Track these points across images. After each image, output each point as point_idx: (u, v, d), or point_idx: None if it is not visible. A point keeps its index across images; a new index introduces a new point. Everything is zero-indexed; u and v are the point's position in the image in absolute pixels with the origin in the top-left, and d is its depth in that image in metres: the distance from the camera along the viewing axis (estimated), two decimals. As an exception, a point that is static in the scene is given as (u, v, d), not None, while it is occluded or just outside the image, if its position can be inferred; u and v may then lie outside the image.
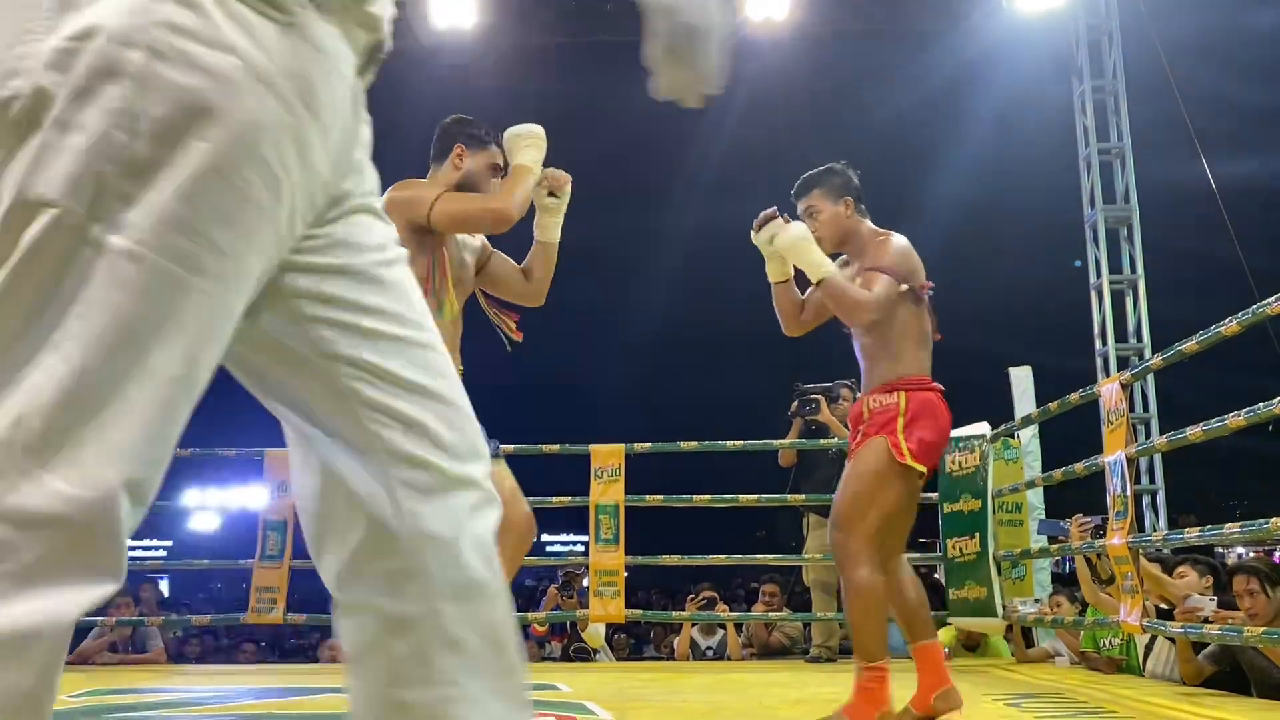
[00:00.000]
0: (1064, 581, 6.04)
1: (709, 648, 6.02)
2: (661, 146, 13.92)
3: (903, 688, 2.79)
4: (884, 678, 2.69)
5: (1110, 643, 4.46)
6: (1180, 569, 4.14)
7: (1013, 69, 9.02)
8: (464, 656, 0.95)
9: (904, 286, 2.83)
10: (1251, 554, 14.64)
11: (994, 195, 13.06)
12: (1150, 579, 3.88)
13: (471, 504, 0.98)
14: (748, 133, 12.51)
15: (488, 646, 0.96)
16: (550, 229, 2.90)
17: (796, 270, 2.96)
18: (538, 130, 2.78)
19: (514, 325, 2.95)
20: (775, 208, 2.96)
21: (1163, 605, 4.01)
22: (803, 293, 3.04)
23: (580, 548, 27.51)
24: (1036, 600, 5.26)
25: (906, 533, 2.98)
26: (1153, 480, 7.51)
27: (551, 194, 2.87)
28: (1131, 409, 5.29)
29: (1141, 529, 5.98)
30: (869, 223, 2.99)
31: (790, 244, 2.86)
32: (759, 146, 13.34)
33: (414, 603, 0.94)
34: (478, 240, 2.94)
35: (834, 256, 2.94)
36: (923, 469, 2.76)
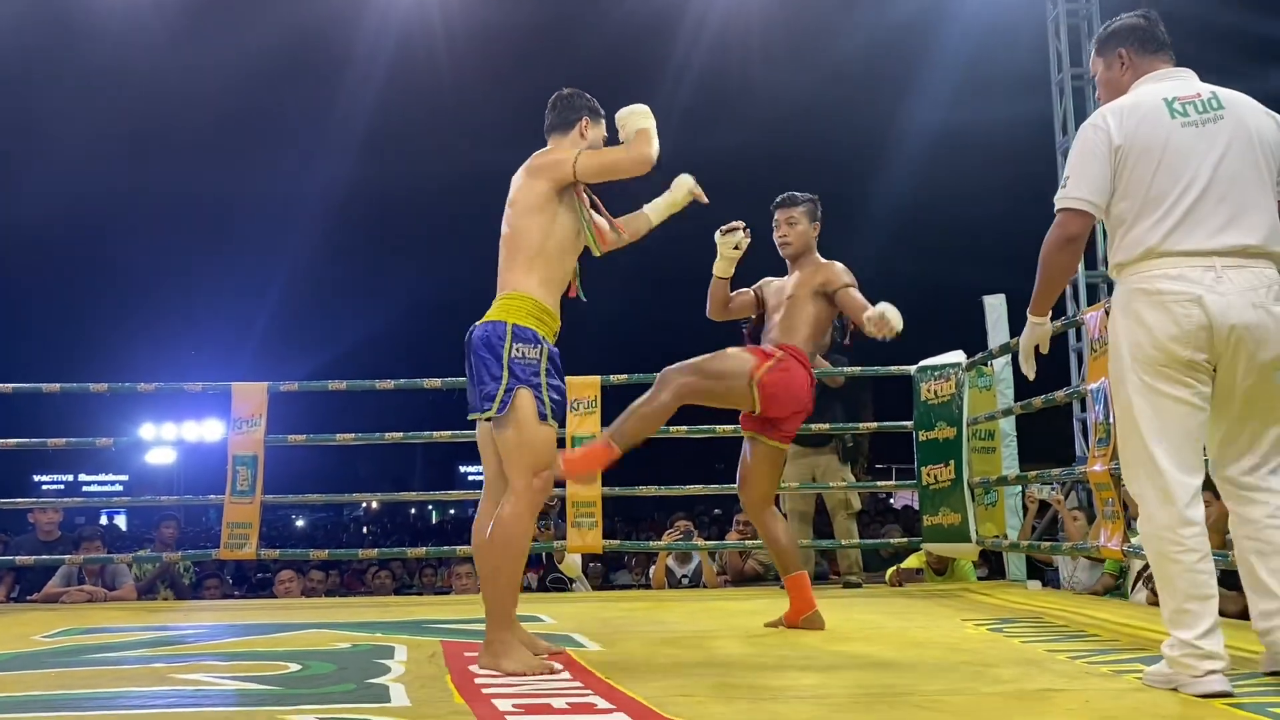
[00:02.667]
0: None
1: (684, 576, 6.07)
2: (631, 76, 13.67)
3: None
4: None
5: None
6: None
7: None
8: None
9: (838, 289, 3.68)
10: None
11: (964, 122, 12.97)
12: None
13: None
14: (719, 62, 12.31)
15: None
16: (662, 214, 3.19)
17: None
18: (642, 107, 3.02)
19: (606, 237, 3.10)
20: (740, 221, 3.68)
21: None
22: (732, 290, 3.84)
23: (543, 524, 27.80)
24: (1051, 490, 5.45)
25: (773, 488, 3.88)
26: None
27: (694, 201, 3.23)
28: (1106, 336, 5.30)
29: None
30: (816, 251, 3.84)
31: (896, 316, 3.53)
32: (730, 76, 13.15)
33: None
34: None
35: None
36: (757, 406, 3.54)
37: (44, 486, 26.79)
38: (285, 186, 17.37)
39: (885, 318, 3.43)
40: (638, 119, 3.01)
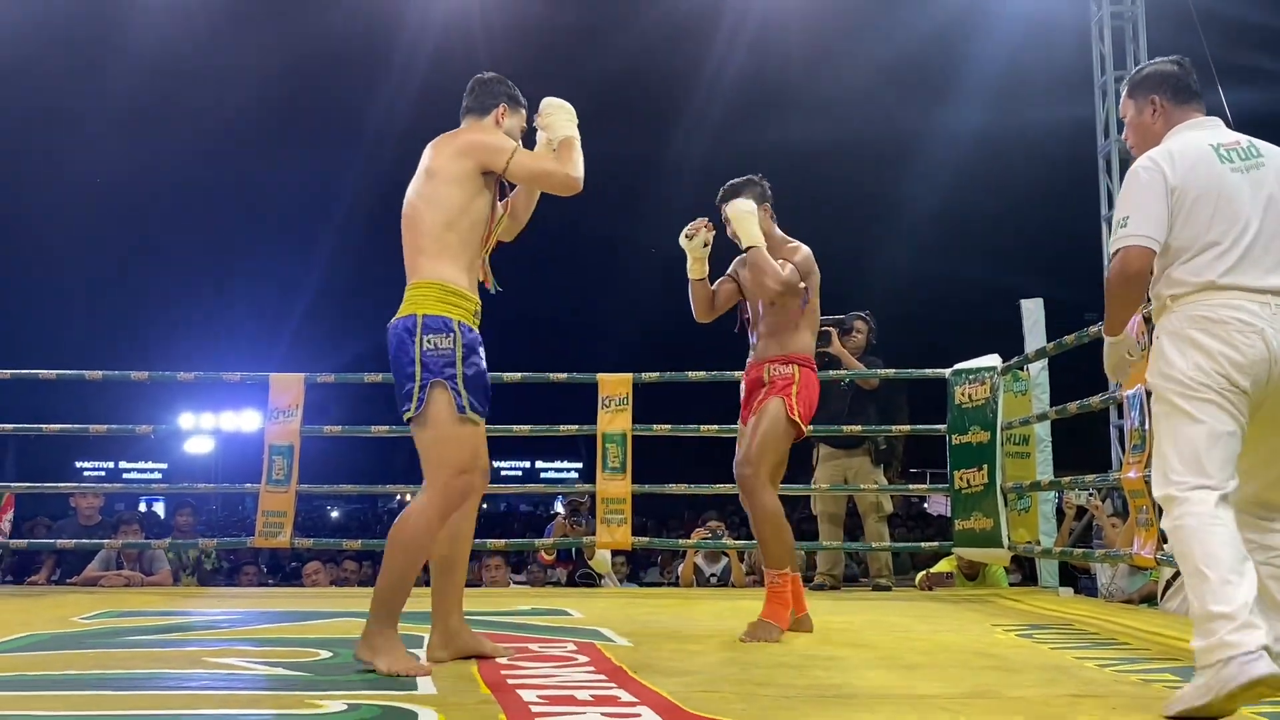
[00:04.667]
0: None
1: (713, 574, 6.07)
2: (671, 75, 13.68)
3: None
4: (791, 582, 3.47)
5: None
6: None
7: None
8: None
9: (802, 284, 3.54)
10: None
11: (1005, 124, 12.86)
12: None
13: None
14: (759, 62, 12.28)
15: None
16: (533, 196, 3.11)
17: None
18: (571, 106, 2.96)
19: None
20: (705, 218, 3.62)
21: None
22: (712, 283, 3.76)
23: (573, 474, 27.76)
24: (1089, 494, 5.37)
25: (780, 477, 3.69)
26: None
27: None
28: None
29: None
30: (778, 230, 3.68)
31: (741, 212, 3.54)
32: (770, 76, 13.10)
33: None
34: None
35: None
36: (803, 426, 3.54)
37: (85, 473, 27.20)
38: (324, 179, 17.53)
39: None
40: (563, 121, 2.92)
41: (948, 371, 5.52)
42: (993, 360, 5.32)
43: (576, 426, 5.66)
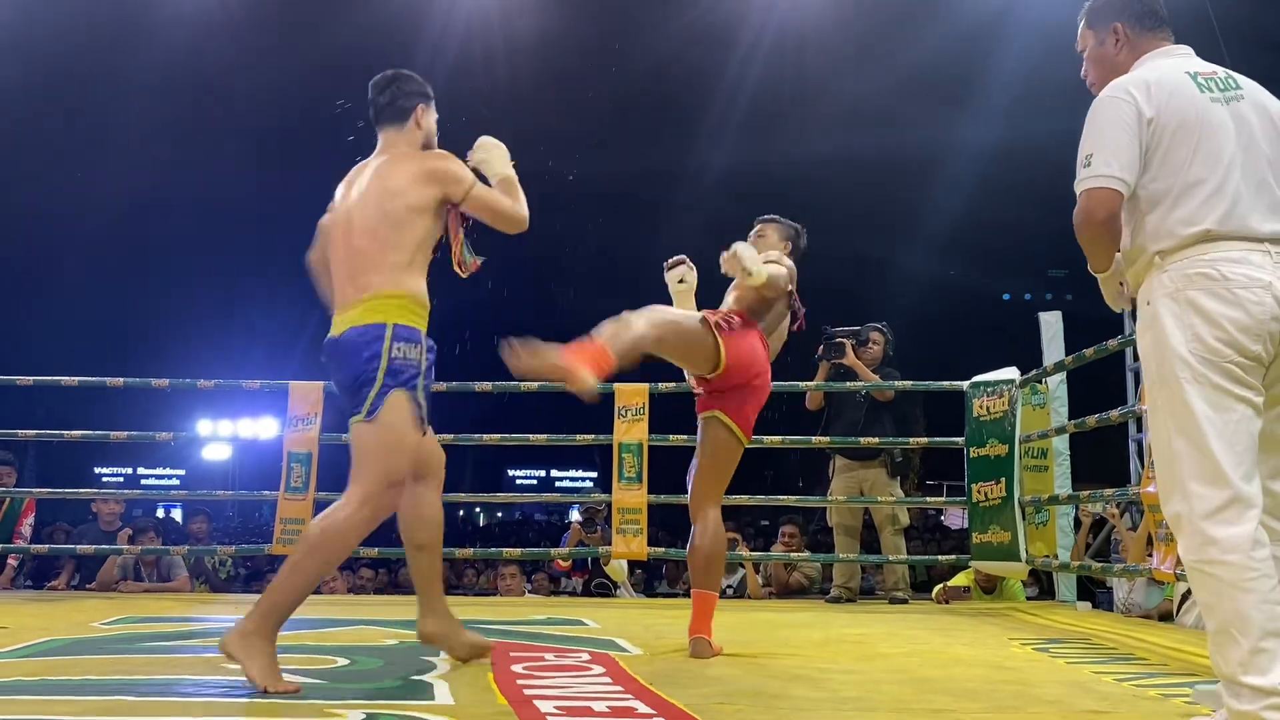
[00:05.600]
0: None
1: (729, 586, 6.06)
2: (690, 86, 13.69)
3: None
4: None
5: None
6: None
7: (1051, 1, 8.78)
8: None
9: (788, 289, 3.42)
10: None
11: (1026, 135, 12.81)
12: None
13: None
14: (779, 71, 12.28)
15: None
16: None
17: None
18: (503, 145, 2.98)
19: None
20: (683, 255, 3.56)
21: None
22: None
23: (589, 483, 27.77)
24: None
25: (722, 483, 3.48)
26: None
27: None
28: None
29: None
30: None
31: (749, 253, 3.29)
32: (789, 86, 13.10)
33: None
34: None
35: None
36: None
37: (104, 478, 27.37)
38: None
39: (736, 254, 3.24)
40: (499, 160, 2.95)
41: (965, 384, 5.50)
42: (1011, 373, 5.31)
43: (593, 436, 5.67)
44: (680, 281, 3.51)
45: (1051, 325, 5.57)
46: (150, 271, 21.20)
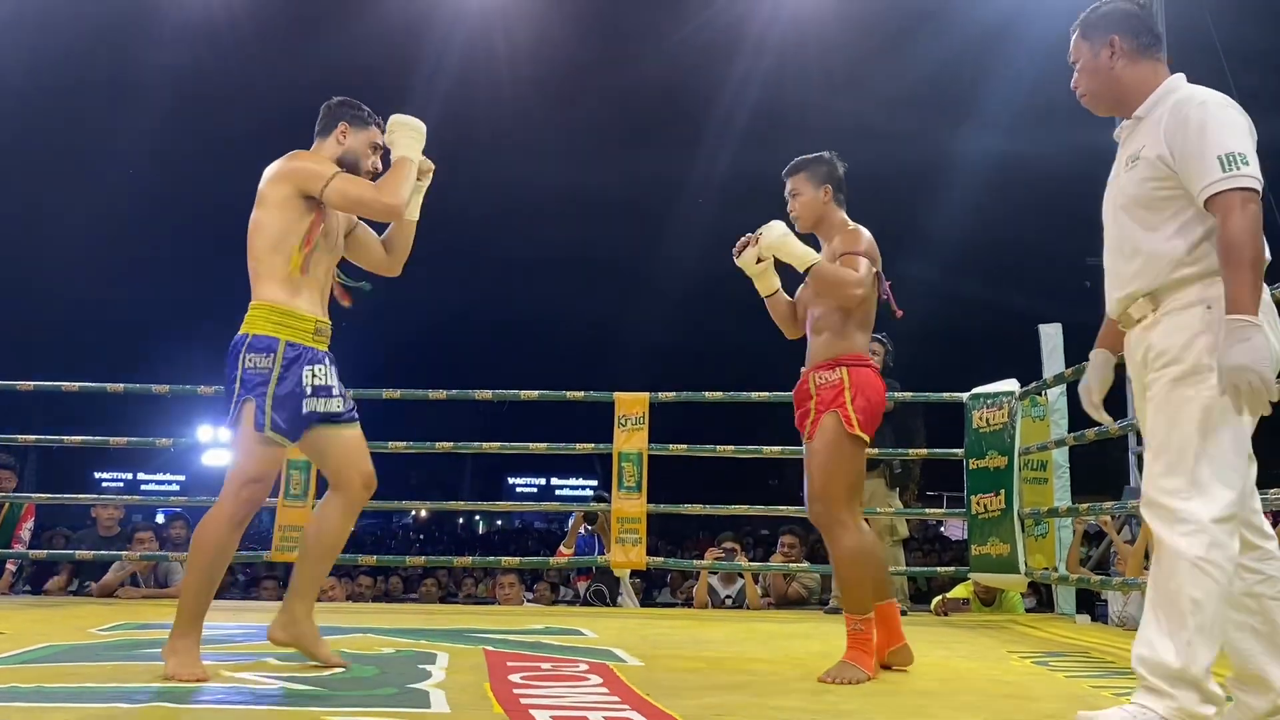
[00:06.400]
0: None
1: (728, 596, 6.05)
2: (693, 94, 13.72)
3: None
4: (874, 626, 3.06)
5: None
6: None
7: (1051, 21, 8.80)
8: None
9: (875, 269, 3.14)
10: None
11: (1028, 148, 12.85)
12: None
13: None
14: (780, 81, 12.32)
15: None
16: (413, 208, 3.09)
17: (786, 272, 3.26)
18: (420, 125, 3.01)
19: (347, 295, 3.12)
20: (749, 234, 3.24)
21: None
22: (791, 296, 3.36)
23: (588, 491, 27.80)
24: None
25: (859, 498, 3.29)
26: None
27: (417, 179, 3.06)
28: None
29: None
30: (843, 213, 3.25)
31: (775, 242, 3.15)
32: (791, 95, 13.13)
33: None
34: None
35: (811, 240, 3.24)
36: (867, 437, 3.10)
37: (104, 484, 27.37)
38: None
39: (762, 241, 3.15)
40: (403, 139, 2.97)
41: (965, 395, 5.50)
42: (1011, 385, 5.31)
43: (593, 445, 5.67)
44: (758, 261, 3.23)
45: (1051, 337, 5.58)
46: (152, 277, 21.21)
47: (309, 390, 2.84)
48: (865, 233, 3.19)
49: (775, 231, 3.17)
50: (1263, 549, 2.13)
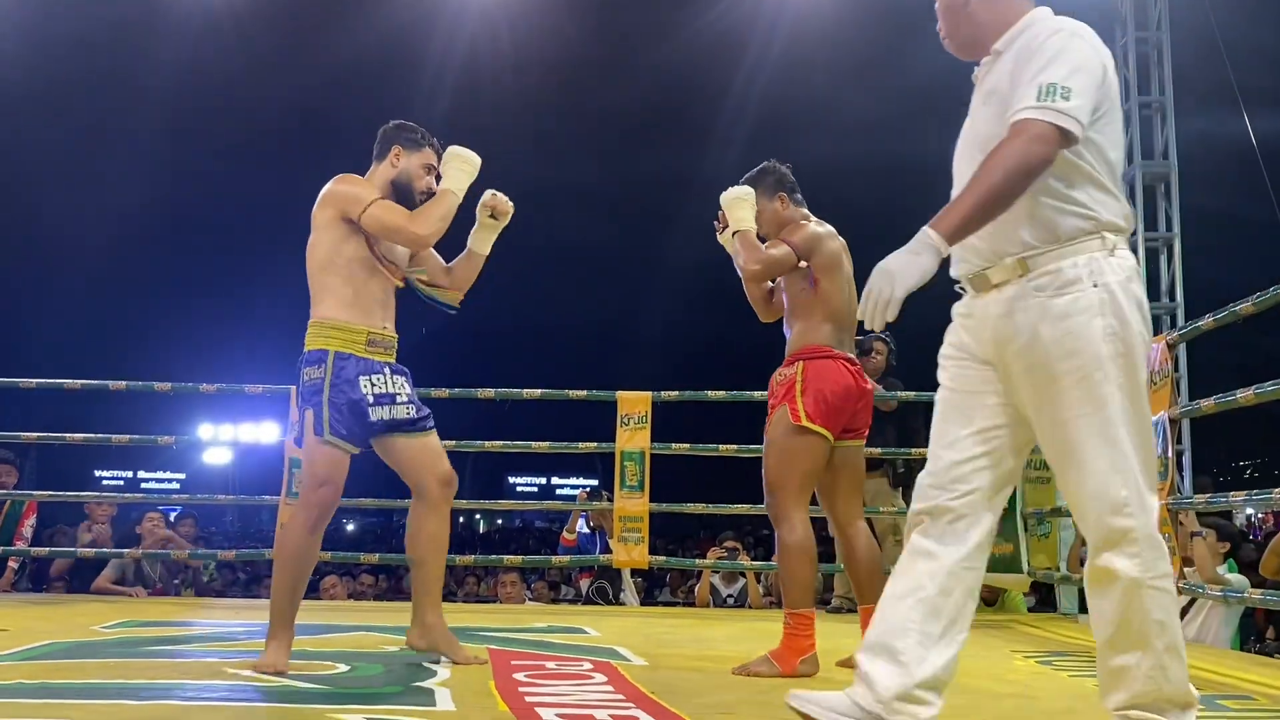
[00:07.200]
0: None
1: (730, 595, 6.05)
2: (700, 93, 13.71)
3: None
4: (809, 624, 3.11)
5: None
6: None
7: (1058, 10, 8.78)
8: None
9: (803, 263, 3.18)
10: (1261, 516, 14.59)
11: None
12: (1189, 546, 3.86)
13: None
14: (787, 80, 12.31)
15: None
16: (483, 243, 3.21)
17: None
18: (474, 158, 3.07)
19: (450, 293, 3.22)
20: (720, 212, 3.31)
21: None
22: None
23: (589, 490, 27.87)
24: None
25: (854, 498, 3.34)
26: (1179, 441, 7.45)
27: (492, 216, 3.16)
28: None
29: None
30: (803, 209, 3.33)
31: (728, 198, 3.24)
32: (798, 94, 13.12)
33: None
34: None
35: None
36: (822, 430, 3.12)
37: (104, 481, 27.39)
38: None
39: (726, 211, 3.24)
40: (451, 171, 3.05)
41: (968, 395, 5.49)
42: (1014, 384, 5.30)
43: (595, 444, 5.66)
44: (733, 239, 3.29)
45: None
46: (153, 276, 21.22)
47: (371, 399, 2.96)
48: (811, 229, 3.24)
49: (732, 192, 3.26)
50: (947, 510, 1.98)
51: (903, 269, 1.82)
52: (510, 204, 3.18)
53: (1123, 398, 1.84)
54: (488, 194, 3.15)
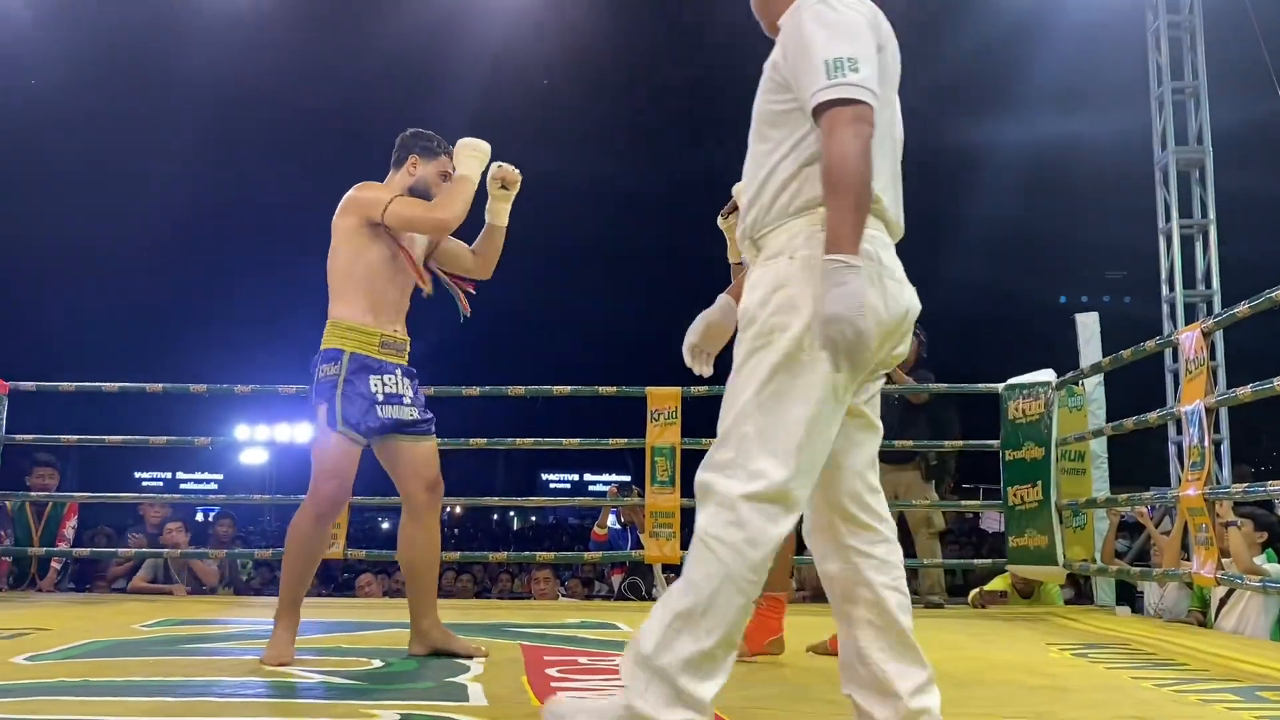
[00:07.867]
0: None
1: (762, 590, 6.04)
2: (729, 87, 13.70)
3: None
4: (781, 607, 3.24)
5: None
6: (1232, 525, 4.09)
7: (1083, 7, 8.71)
8: None
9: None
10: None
11: (1060, 136, 12.70)
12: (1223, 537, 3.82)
13: None
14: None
15: None
16: (500, 215, 3.28)
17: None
18: (484, 145, 3.15)
19: (465, 300, 3.36)
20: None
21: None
22: None
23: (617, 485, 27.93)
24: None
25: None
26: (1217, 430, 7.36)
27: (503, 187, 3.24)
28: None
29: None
30: None
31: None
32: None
33: None
34: None
35: None
36: None
37: (144, 482, 27.78)
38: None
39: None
40: (464, 158, 3.14)
41: (1000, 386, 5.46)
42: (1047, 375, 5.26)
43: (625, 440, 5.67)
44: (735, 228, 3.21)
45: (1088, 327, 5.51)
46: (190, 278, 21.45)
47: (380, 397, 3.08)
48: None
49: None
50: (875, 530, 1.90)
51: (849, 304, 1.68)
52: (517, 172, 3.25)
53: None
54: (494, 166, 3.23)
